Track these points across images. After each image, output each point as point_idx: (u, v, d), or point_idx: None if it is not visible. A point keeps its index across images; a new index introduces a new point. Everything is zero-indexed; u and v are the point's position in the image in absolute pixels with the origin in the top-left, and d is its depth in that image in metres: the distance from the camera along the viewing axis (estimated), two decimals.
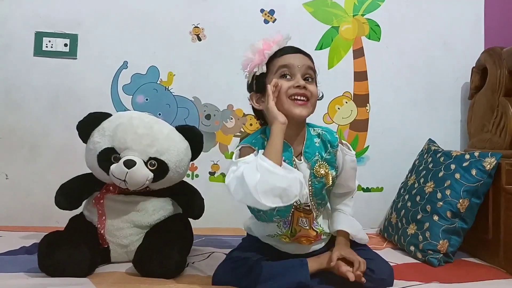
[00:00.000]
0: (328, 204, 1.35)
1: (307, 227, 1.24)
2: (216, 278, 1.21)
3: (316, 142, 1.22)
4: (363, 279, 1.13)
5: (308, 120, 1.25)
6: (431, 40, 2.10)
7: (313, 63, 1.22)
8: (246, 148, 1.18)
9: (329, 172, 1.21)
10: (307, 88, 1.15)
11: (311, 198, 1.23)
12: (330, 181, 1.21)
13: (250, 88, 1.24)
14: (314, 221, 1.26)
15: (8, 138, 1.91)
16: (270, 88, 1.14)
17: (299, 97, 1.15)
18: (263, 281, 1.12)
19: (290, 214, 1.23)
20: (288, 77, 1.16)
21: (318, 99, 1.22)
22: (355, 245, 1.28)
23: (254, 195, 1.01)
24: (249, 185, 1.01)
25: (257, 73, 1.18)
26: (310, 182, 1.21)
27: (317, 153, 1.21)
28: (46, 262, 1.22)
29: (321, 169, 1.20)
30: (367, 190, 2.06)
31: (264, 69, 1.17)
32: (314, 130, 1.25)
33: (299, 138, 1.21)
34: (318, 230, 1.26)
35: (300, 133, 1.22)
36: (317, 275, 1.20)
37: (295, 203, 1.19)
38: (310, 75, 1.19)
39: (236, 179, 1.06)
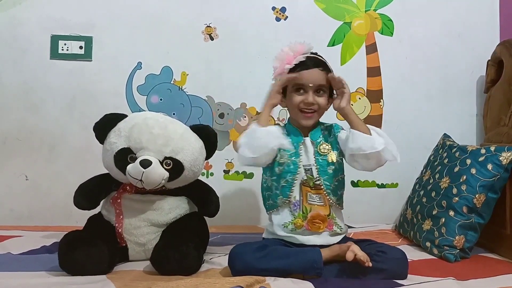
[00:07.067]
0: (339, 202, 1.40)
1: (318, 203, 1.35)
2: (232, 251, 1.28)
3: (322, 131, 1.43)
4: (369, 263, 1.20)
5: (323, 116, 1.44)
6: (445, 33, 2.07)
7: (329, 70, 1.38)
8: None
9: (332, 151, 1.38)
10: (315, 102, 1.36)
11: (317, 175, 1.35)
12: (334, 159, 1.37)
13: None
14: (328, 197, 1.35)
15: (27, 139, 1.95)
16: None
17: (307, 110, 1.36)
18: (277, 259, 1.24)
19: (291, 193, 1.34)
20: (301, 91, 1.36)
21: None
22: (363, 240, 1.39)
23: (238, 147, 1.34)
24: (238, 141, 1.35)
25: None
26: (314, 158, 1.37)
27: (321, 137, 1.41)
28: (66, 261, 1.25)
29: (323, 148, 1.39)
30: (382, 186, 2.05)
31: None
32: (324, 125, 1.46)
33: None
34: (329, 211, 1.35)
35: (312, 127, 1.43)
36: (330, 264, 1.27)
37: (302, 179, 1.35)
38: (321, 89, 1.37)
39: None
